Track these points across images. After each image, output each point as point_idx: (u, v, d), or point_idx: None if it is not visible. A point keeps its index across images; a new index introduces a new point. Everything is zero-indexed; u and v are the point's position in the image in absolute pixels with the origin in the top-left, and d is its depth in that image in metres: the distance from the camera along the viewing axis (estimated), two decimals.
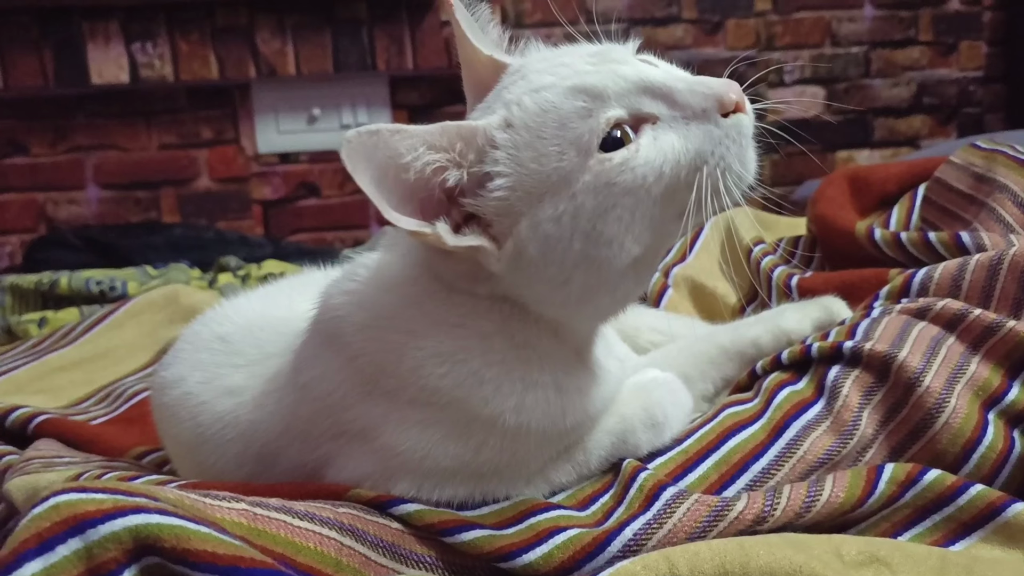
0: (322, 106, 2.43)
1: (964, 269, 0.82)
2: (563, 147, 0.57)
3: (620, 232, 0.58)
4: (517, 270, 0.60)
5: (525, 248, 0.59)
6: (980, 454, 0.68)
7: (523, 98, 0.59)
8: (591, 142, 0.57)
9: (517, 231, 0.59)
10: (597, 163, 0.57)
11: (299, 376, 0.67)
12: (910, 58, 2.71)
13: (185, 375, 0.76)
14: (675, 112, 0.59)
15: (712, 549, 0.56)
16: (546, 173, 0.57)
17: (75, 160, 2.38)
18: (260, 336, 0.76)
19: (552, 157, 0.57)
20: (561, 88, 0.58)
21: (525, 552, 0.59)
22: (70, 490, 0.46)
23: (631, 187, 0.57)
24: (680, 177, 0.58)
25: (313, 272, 0.89)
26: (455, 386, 0.61)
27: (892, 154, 2.71)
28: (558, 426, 0.64)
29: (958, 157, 1.06)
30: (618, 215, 0.57)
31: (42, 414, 0.96)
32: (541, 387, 0.62)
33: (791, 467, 0.69)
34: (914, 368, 0.71)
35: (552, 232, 0.58)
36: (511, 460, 0.63)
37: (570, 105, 0.58)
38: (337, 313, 0.65)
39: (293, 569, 0.51)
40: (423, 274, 0.63)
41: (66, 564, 0.44)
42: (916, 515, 0.65)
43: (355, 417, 0.64)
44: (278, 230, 2.48)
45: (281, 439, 0.68)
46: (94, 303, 1.51)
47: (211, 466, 0.72)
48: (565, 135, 0.57)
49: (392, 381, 0.62)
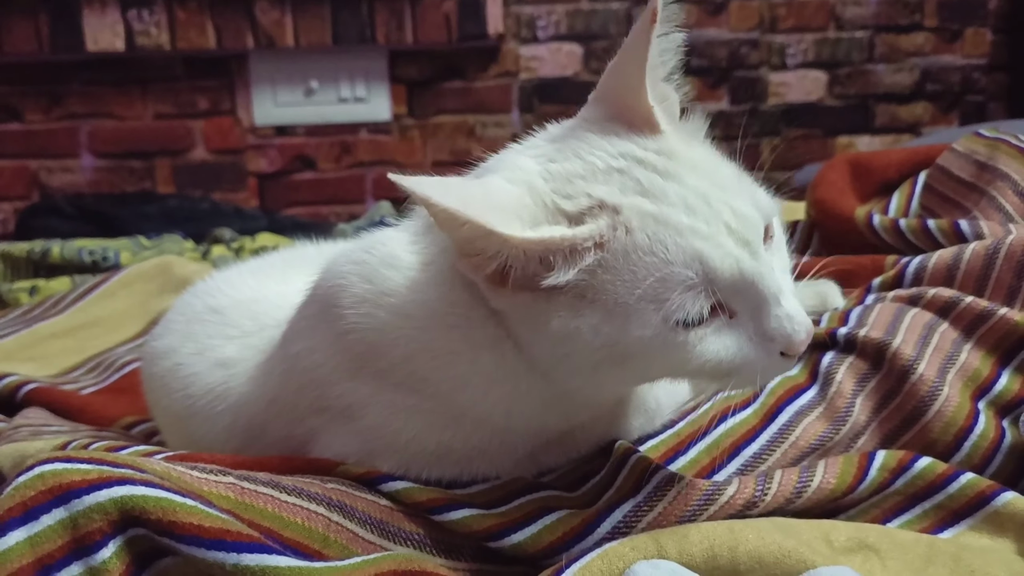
0: (320, 79, 2.41)
1: (960, 257, 0.82)
2: (646, 296, 0.52)
3: (633, 376, 0.59)
4: (524, 319, 0.55)
5: (547, 317, 0.54)
6: (972, 443, 0.68)
7: (636, 223, 0.52)
8: (674, 315, 0.52)
9: (545, 298, 0.53)
10: (664, 330, 0.52)
11: (290, 346, 0.66)
12: (914, 44, 2.69)
13: (176, 346, 0.75)
14: (752, 323, 0.54)
15: (701, 532, 0.56)
16: (614, 301, 0.52)
17: (69, 127, 2.36)
18: (255, 308, 0.75)
19: (629, 295, 0.52)
20: (687, 245, 0.52)
21: (514, 532, 0.58)
22: (55, 459, 0.46)
23: (673, 361, 0.54)
24: (711, 373, 0.55)
25: (306, 246, 0.88)
26: (444, 382, 0.60)
27: (893, 141, 2.70)
28: (548, 427, 0.63)
29: (961, 145, 1.06)
30: (643, 367, 0.55)
31: (31, 382, 0.95)
32: (528, 398, 0.60)
33: (783, 452, 0.69)
34: (908, 356, 0.71)
35: (585, 334, 0.53)
36: (500, 448, 0.63)
37: (682, 271, 0.51)
38: (339, 282, 0.62)
39: (280, 544, 0.51)
40: (442, 261, 0.59)
41: (50, 533, 0.44)
42: (906, 502, 0.64)
43: (341, 393, 0.63)
44: (273, 203, 2.46)
45: (268, 410, 0.68)
46: (86, 272, 1.51)
47: (200, 438, 0.71)
48: (656, 288, 0.52)
49: (381, 363, 0.61)
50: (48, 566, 0.43)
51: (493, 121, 2.50)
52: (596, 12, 2.53)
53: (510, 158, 0.58)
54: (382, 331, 0.60)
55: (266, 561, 0.45)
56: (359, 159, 2.50)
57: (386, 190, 2.49)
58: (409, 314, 0.60)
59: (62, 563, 0.44)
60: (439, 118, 2.49)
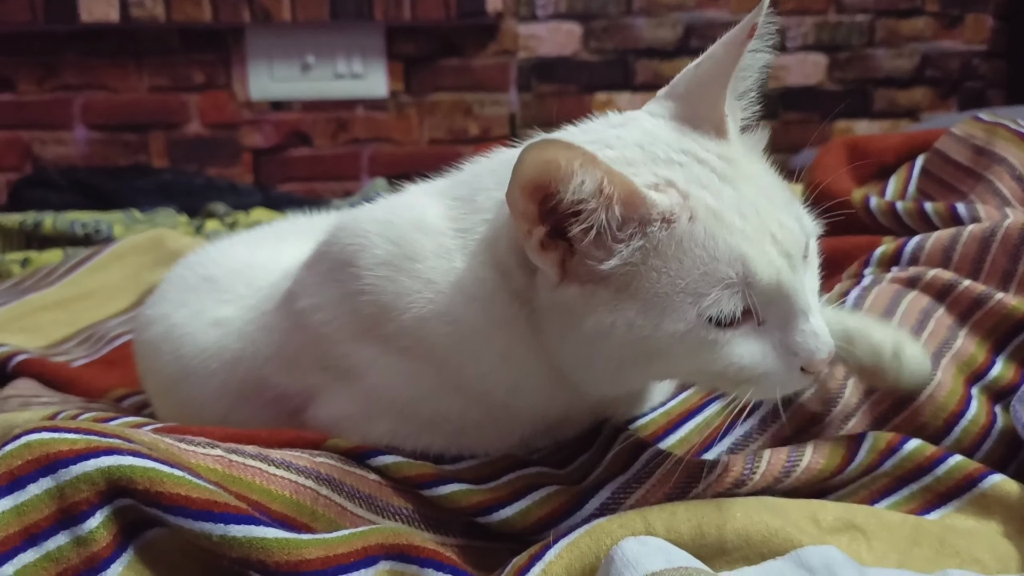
0: (317, 54, 2.39)
1: (956, 240, 0.82)
2: (687, 288, 0.53)
3: (659, 372, 0.59)
4: (558, 316, 0.56)
5: (582, 314, 0.54)
6: (962, 428, 0.68)
7: (700, 213, 0.53)
8: (709, 310, 0.53)
9: (590, 297, 0.54)
10: (697, 325, 0.53)
11: (296, 302, 0.65)
12: (915, 29, 2.68)
13: (170, 312, 0.75)
14: (779, 333, 0.55)
15: (689, 509, 0.57)
16: (655, 292, 0.53)
17: (63, 99, 2.34)
18: (249, 274, 0.75)
19: (671, 286, 0.53)
20: (735, 245, 0.53)
21: (502, 507, 0.58)
22: (42, 429, 0.45)
23: (700, 359, 0.54)
24: (733, 378, 0.56)
25: (298, 218, 0.88)
26: (453, 352, 0.59)
27: (891, 126, 2.69)
28: (549, 411, 0.63)
29: (959, 129, 1.05)
30: (672, 364, 0.56)
31: (22, 353, 0.95)
32: (536, 377, 0.60)
33: (772, 434, 0.69)
34: None
35: (619, 331, 0.53)
36: (494, 426, 0.63)
37: (725, 269, 0.53)
38: (359, 241, 0.61)
39: (268, 517, 0.51)
40: (484, 232, 0.58)
41: (37, 503, 0.43)
42: (894, 484, 0.65)
43: (345, 354, 0.63)
44: (268, 179, 2.45)
45: (267, 365, 0.68)
46: (78, 245, 1.50)
47: (192, 399, 0.71)
48: (697, 282, 0.53)
49: (391, 326, 0.60)
50: (35, 535, 0.43)
51: (490, 100, 2.49)
52: None
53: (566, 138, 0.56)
54: (398, 294, 0.59)
55: (253, 532, 0.45)
56: (355, 136, 2.48)
57: (381, 167, 2.48)
58: (431, 280, 0.59)
59: (48, 532, 0.44)
60: (436, 96, 2.48)
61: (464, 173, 0.65)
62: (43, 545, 0.43)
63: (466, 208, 0.61)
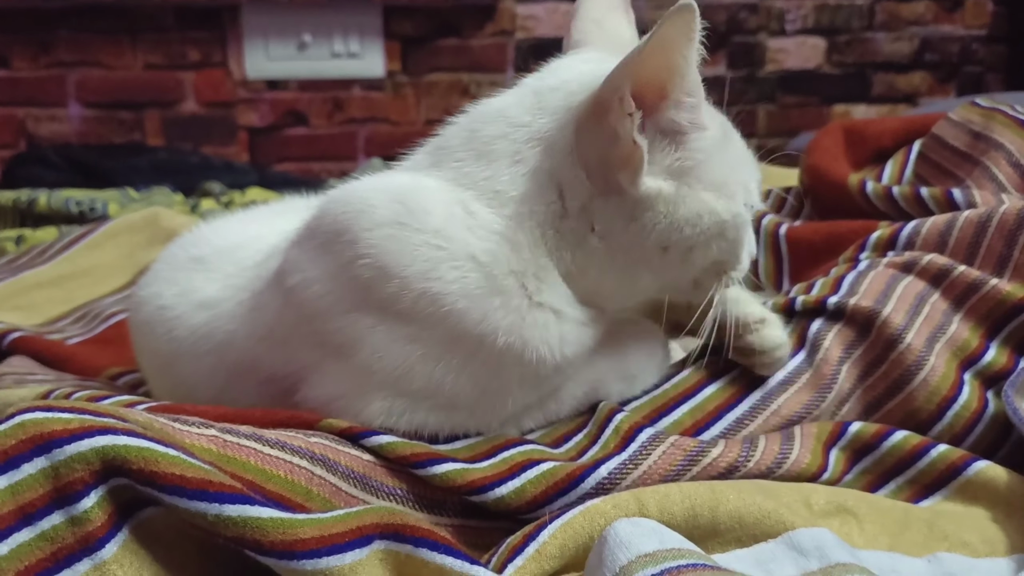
0: (313, 33, 2.38)
1: (952, 225, 0.82)
2: (736, 181, 0.64)
3: (705, 260, 0.65)
4: (649, 207, 0.61)
5: (679, 202, 0.62)
6: (954, 412, 0.69)
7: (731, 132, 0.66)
8: (745, 199, 0.65)
9: (685, 184, 0.62)
10: (742, 208, 0.64)
11: (287, 279, 0.65)
12: (915, 12, 2.66)
13: (161, 291, 0.75)
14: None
15: (683, 491, 0.57)
16: (725, 178, 0.63)
17: (57, 75, 2.32)
18: (236, 255, 0.75)
19: (733, 172, 0.64)
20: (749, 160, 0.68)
21: (498, 486, 0.59)
22: (37, 408, 0.45)
23: (738, 240, 0.66)
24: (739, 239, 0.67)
25: (294, 199, 0.87)
26: (461, 294, 0.60)
27: (890, 110, 2.69)
28: (555, 355, 0.63)
29: (956, 114, 1.05)
30: (719, 248, 0.64)
31: (16, 331, 0.95)
32: (544, 309, 0.62)
33: (764, 420, 0.69)
34: (897, 325, 0.71)
35: (705, 218, 0.62)
36: (484, 394, 0.63)
37: (747, 174, 0.66)
38: (357, 206, 0.63)
39: (263, 496, 0.51)
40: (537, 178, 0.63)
41: (31, 482, 0.43)
42: (878, 480, 0.66)
43: (339, 328, 0.63)
44: (264, 158, 2.44)
45: (260, 346, 0.68)
46: (73, 223, 1.50)
47: (186, 379, 0.71)
48: (741, 175, 0.65)
49: (391, 286, 0.60)
50: (29, 514, 0.43)
51: (488, 80, 2.48)
52: None
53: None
54: (401, 252, 0.60)
55: (248, 512, 0.45)
56: (351, 116, 2.47)
57: (378, 147, 2.47)
58: (440, 229, 0.61)
59: (43, 512, 0.43)
60: (433, 76, 2.46)
61: (447, 136, 0.67)
62: (38, 524, 0.43)
63: (468, 156, 0.64)
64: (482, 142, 0.64)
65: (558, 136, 0.62)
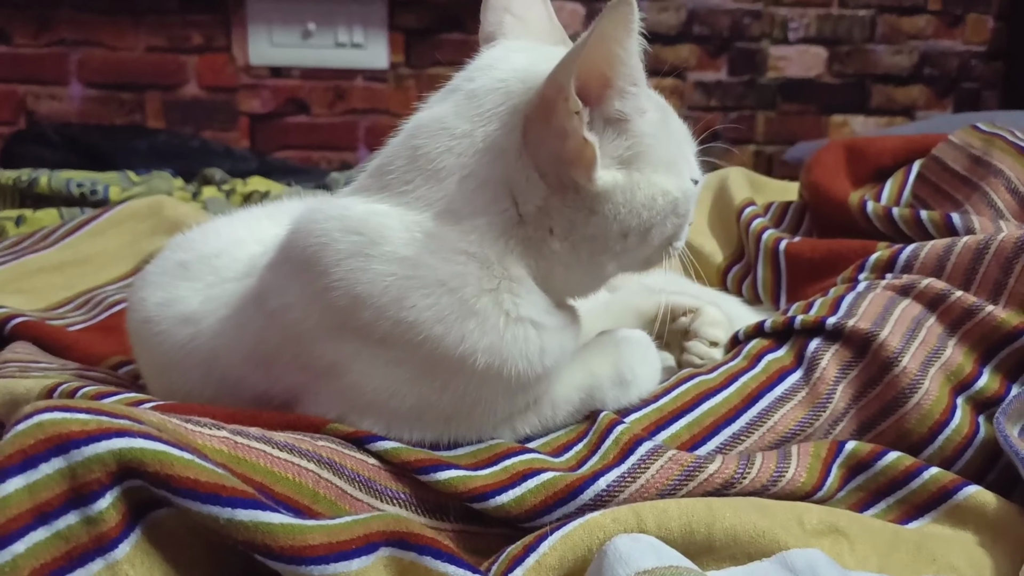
0: (317, 21, 2.37)
1: (951, 250, 0.83)
2: (681, 158, 0.67)
3: (661, 237, 0.66)
4: (607, 199, 0.62)
5: (634, 189, 0.63)
6: (945, 436, 0.70)
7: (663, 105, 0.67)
8: (690, 173, 0.67)
9: (638, 171, 0.63)
10: (690, 182, 0.67)
11: (266, 303, 0.65)
12: (916, 26, 2.68)
13: (147, 297, 0.75)
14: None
15: (680, 507, 0.58)
16: (671, 155, 0.65)
17: (59, 54, 2.31)
18: (216, 263, 0.74)
19: (678, 148, 0.67)
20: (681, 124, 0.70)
21: (499, 493, 0.60)
22: (55, 408, 0.46)
23: (688, 213, 0.68)
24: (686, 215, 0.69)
25: (292, 201, 0.87)
26: (436, 320, 0.60)
27: (887, 122, 2.70)
28: (535, 368, 0.63)
29: (957, 137, 1.06)
30: (674, 224, 0.66)
31: (20, 316, 0.95)
32: (523, 323, 0.62)
33: (760, 436, 0.70)
34: (893, 348, 0.73)
35: (658, 199, 0.64)
36: (474, 406, 0.63)
37: (689, 145, 0.70)
38: (320, 240, 0.62)
39: (271, 499, 0.52)
40: (485, 190, 0.62)
41: (48, 482, 0.44)
42: (871, 497, 0.67)
43: (322, 353, 0.63)
44: (264, 145, 2.44)
45: (244, 366, 0.67)
46: (73, 205, 1.49)
47: (179, 388, 0.71)
48: (684, 151, 0.68)
49: (366, 315, 0.60)
50: (46, 513, 0.44)
51: None
52: None
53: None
54: (372, 282, 0.60)
55: (259, 517, 0.46)
56: (353, 106, 2.47)
57: (378, 139, 2.46)
58: (405, 256, 0.60)
59: (59, 511, 0.44)
60: (436, 69, 2.46)
61: (390, 156, 0.65)
62: (53, 524, 0.44)
63: (417, 177, 0.62)
64: (427, 160, 0.63)
65: (504, 140, 0.62)
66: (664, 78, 0.67)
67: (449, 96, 0.65)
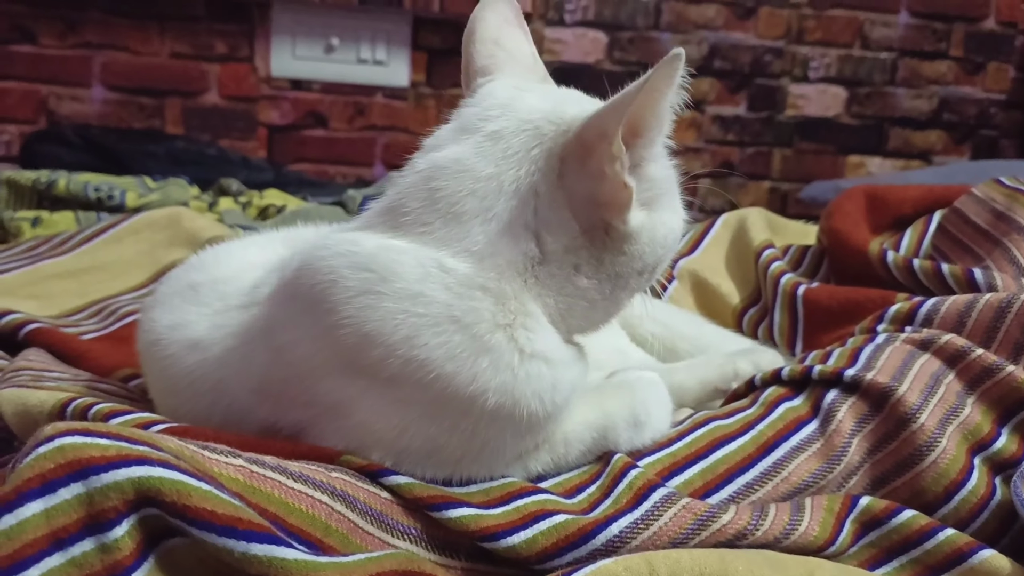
0: (341, 36, 2.39)
1: (972, 307, 0.83)
2: (678, 194, 0.69)
3: (656, 274, 0.68)
4: (635, 239, 0.64)
5: (655, 228, 0.65)
6: (961, 497, 0.69)
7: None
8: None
9: (658, 211, 0.65)
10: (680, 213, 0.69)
11: (273, 338, 0.65)
12: (937, 72, 2.69)
13: (157, 319, 0.74)
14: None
15: (693, 558, 0.57)
16: (673, 196, 0.68)
17: (83, 56, 2.32)
18: (226, 287, 0.73)
19: (675, 194, 0.68)
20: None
21: (510, 534, 0.59)
22: (75, 432, 0.46)
23: (673, 249, 0.70)
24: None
25: (308, 229, 0.86)
26: (447, 358, 0.59)
27: (904, 165, 2.71)
28: (546, 406, 0.63)
29: (979, 191, 1.06)
30: (664, 263, 0.69)
31: (33, 322, 0.95)
32: (536, 359, 0.62)
33: (774, 486, 0.70)
34: (911, 404, 0.72)
35: (669, 235, 0.67)
36: (484, 446, 0.63)
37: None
38: (328, 277, 0.61)
39: (284, 530, 0.52)
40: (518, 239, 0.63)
41: (66, 507, 0.44)
42: (883, 555, 0.66)
43: (329, 390, 0.62)
44: (281, 156, 2.45)
45: (251, 398, 0.67)
46: (90, 208, 1.50)
47: (186, 413, 0.71)
48: (677, 186, 0.69)
49: (375, 353, 0.59)
50: (62, 539, 0.44)
51: None
52: (625, 2, 2.51)
53: None
54: (382, 320, 0.59)
55: (274, 552, 0.46)
56: (372, 122, 2.48)
57: (395, 156, 2.47)
58: (419, 294, 0.59)
59: (75, 538, 0.44)
60: (457, 90, 2.45)
61: (404, 197, 0.64)
62: (69, 550, 0.44)
63: (436, 220, 0.62)
64: (448, 203, 0.62)
65: (538, 182, 0.62)
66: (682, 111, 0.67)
67: (467, 136, 0.65)
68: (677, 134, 0.66)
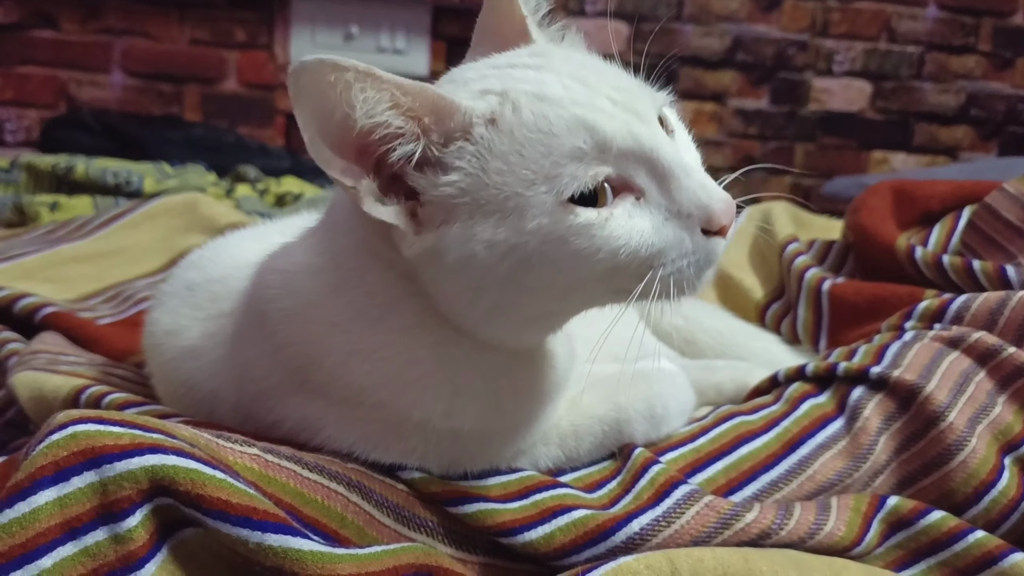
0: (361, 25, 2.38)
1: (1005, 304, 0.81)
2: (537, 178, 0.51)
3: (545, 286, 0.53)
4: (429, 264, 0.54)
5: (445, 251, 0.52)
6: (991, 498, 0.68)
7: (522, 100, 0.52)
8: (568, 188, 0.50)
9: (446, 231, 0.52)
10: (562, 212, 0.50)
11: (239, 353, 0.64)
12: (964, 66, 2.65)
13: (158, 319, 0.74)
14: (662, 200, 0.52)
15: (716, 557, 0.56)
16: (506, 195, 0.51)
17: (103, 42, 2.33)
18: (215, 289, 0.72)
19: (520, 182, 0.51)
20: (568, 114, 0.51)
21: (527, 530, 0.58)
22: (89, 420, 0.45)
23: (582, 253, 0.51)
24: (631, 267, 0.52)
25: (305, 218, 0.85)
26: (380, 386, 0.58)
27: (929, 161, 2.67)
28: (497, 427, 0.61)
29: (1012, 186, 1.04)
30: (553, 271, 0.52)
31: (50, 305, 0.95)
32: (469, 392, 0.59)
33: (799, 484, 0.68)
34: (940, 402, 0.70)
35: (480, 254, 0.52)
36: (462, 455, 0.61)
37: (568, 140, 0.51)
38: (267, 293, 0.60)
39: (299, 520, 0.51)
40: (361, 252, 0.57)
41: (80, 496, 0.43)
42: (910, 557, 0.64)
43: (293, 408, 0.61)
44: (298, 144, 2.44)
45: (236, 412, 0.66)
46: (108, 194, 1.50)
47: (191, 413, 0.70)
48: (545, 167, 0.51)
49: (320, 376, 0.58)
50: (75, 528, 0.43)
51: None
52: None
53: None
54: (314, 343, 0.58)
55: (289, 543, 0.45)
56: None
57: None
58: (334, 321, 0.58)
59: (88, 527, 0.43)
60: None
61: (337, 200, 0.62)
62: (82, 540, 0.43)
63: (330, 237, 0.60)
64: (331, 219, 0.61)
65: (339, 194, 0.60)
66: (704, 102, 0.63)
67: None
68: (698, 127, 0.62)
